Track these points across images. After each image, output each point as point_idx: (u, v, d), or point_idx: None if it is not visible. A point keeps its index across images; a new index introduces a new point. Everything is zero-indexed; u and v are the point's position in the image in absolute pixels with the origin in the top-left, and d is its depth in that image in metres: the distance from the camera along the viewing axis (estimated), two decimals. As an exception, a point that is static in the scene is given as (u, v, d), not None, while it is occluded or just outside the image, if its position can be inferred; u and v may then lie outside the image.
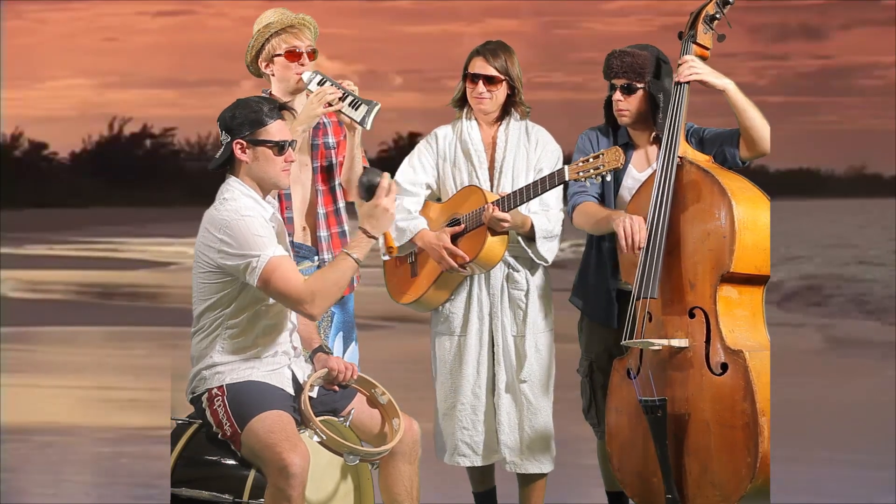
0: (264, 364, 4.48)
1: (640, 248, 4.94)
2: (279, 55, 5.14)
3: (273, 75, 5.19)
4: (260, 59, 5.18)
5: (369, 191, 4.39)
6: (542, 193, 5.17)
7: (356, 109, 5.08)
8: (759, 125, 5.02)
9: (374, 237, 4.39)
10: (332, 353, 4.71)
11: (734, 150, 5.08)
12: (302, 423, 4.44)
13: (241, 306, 4.44)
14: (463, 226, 5.27)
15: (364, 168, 4.96)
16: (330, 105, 5.05)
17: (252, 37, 5.16)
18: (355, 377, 4.64)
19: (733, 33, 5.10)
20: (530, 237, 5.27)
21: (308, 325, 4.72)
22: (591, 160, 5.07)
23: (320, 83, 5.09)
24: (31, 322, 14.44)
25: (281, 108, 4.51)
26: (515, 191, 5.19)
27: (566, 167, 5.13)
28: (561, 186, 5.28)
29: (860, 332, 15.00)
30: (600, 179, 5.09)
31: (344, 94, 5.07)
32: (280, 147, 4.47)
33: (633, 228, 4.95)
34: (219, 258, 4.38)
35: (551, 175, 5.15)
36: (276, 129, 4.47)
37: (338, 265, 4.38)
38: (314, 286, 4.34)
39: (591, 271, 5.35)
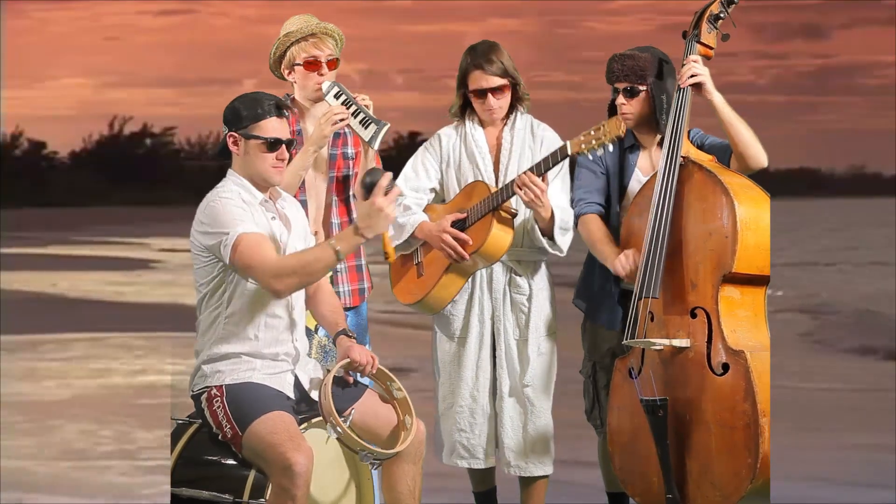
0: (265, 366, 4.47)
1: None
2: (299, 64, 5.14)
3: (295, 82, 5.19)
4: (282, 66, 5.19)
5: (369, 190, 4.36)
6: (545, 171, 5.09)
7: (365, 128, 5.07)
8: (747, 141, 4.99)
9: (363, 236, 4.29)
10: (355, 338, 4.67)
11: (724, 162, 5.05)
12: (322, 416, 4.42)
13: (236, 294, 4.44)
14: (465, 215, 5.24)
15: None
16: (341, 121, 5.04)
17: (275, 43, 5.16)
18: (374, 370, 4.62)
19: (733, 32, 5.10)
20: (543, 230, 5.22)
21: (334, 308, 4.69)
22: (591, 132, 5.03)
23: (336, 96, 5.09)
24: (29, 321, 14.44)
25: (279, 107, 4.50)
26: (526, 171, 5.11)
27: (568, 141, 5.09)
28: (568, 183, 5.26)
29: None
30: (603, 150, 5.02)
31: (355, 110, 5.06)
32: (270, 144, 4.47)
33: (630, 265, 4.99)
34: (201, 238, 4.43)
35: (554, 153, 5.09)
36: (269, 126, 4.47)
37: (315, 251, 4.35)
38: (284, 262, 4.34)
39: (595, 275, 5.33)
